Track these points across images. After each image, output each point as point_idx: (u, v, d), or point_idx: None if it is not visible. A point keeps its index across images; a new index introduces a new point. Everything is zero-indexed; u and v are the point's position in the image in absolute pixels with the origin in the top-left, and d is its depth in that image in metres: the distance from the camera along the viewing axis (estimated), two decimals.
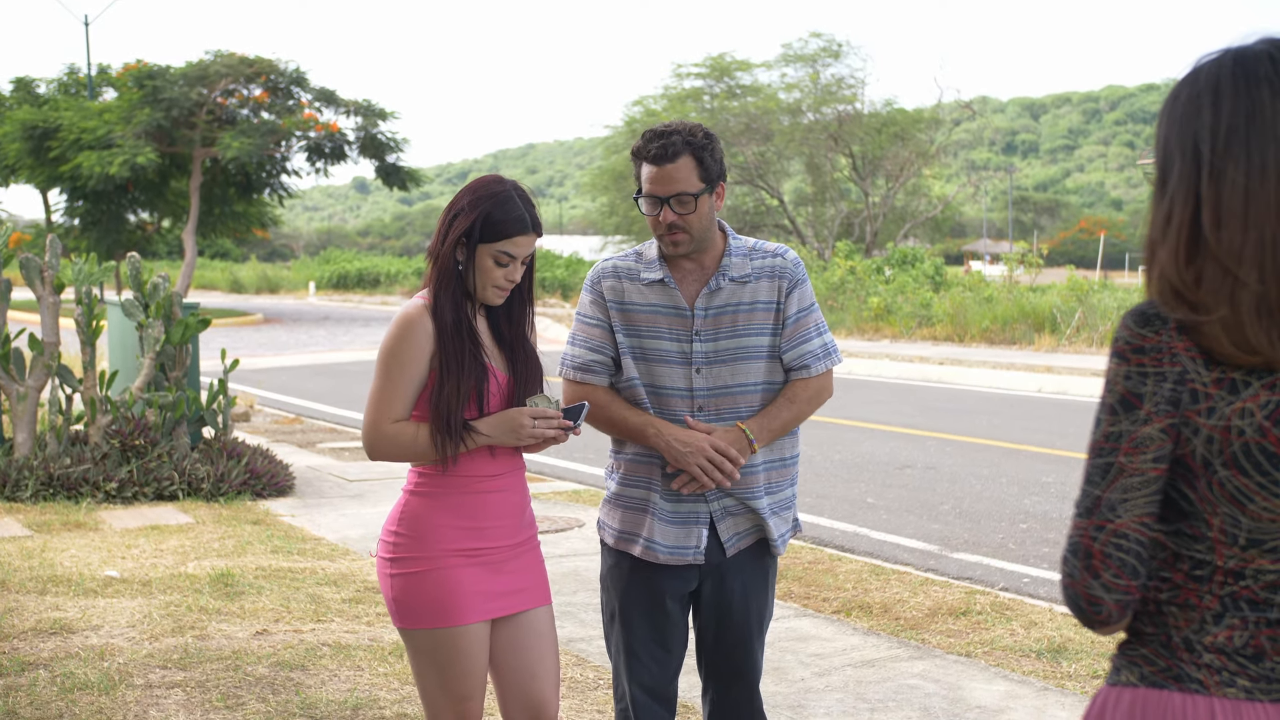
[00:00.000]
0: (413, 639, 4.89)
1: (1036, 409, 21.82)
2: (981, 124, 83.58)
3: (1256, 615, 2.67)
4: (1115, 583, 2.64)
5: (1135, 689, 2.75)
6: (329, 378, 28.22)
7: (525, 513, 5.06)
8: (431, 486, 4.86)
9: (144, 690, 7.64)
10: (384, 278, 75.45)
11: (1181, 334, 2.63)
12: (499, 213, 4.76)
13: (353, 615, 9.20)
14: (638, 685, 5.47)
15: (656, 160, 5.11)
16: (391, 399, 4.79)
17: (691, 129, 5.15)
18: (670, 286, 5.24)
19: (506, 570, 4.93)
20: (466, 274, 4.82)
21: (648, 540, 5.32)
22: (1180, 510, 2.71)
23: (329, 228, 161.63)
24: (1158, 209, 2.66)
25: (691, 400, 5.22)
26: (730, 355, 5.22)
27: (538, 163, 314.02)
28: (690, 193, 5.09)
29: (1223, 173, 2.57)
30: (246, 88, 50.83)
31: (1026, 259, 42.19)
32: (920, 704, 7.53)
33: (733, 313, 5.22)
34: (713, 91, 62.09)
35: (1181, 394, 2.63)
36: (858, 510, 13.40)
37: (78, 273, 13.84)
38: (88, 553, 10.94)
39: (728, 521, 5.29)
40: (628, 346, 5.29)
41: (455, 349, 4.75)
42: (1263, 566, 2.67)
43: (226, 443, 14.48)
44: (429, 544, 4.81)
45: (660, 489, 5.30)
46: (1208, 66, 2.64)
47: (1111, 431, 2.67)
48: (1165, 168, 2.65)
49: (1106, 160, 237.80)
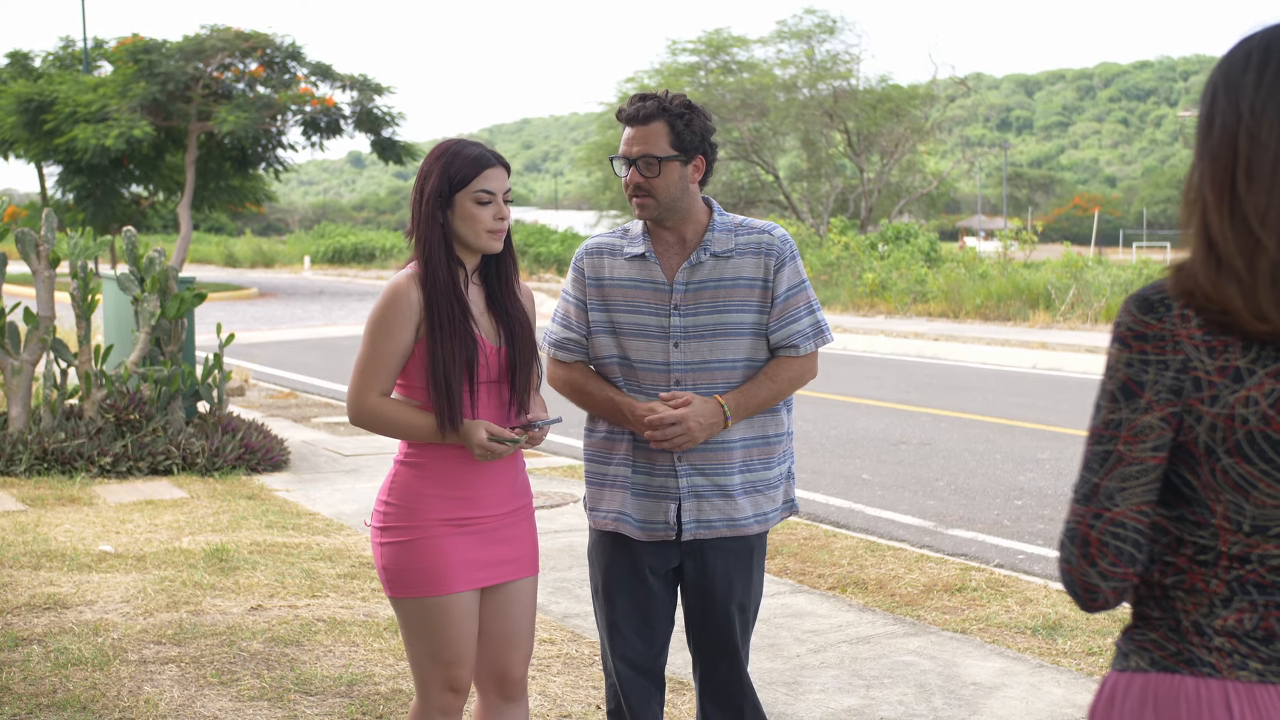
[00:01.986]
0: (403, 607, 4.93)
1: (1031, 385, 21.82)
2: (976, 100, 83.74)
3: (1265, 599, 2.66)
4: (1112, 571, 2.64)
5: (1146, 674, 2.73)
6: (324, 352, 28.19)
7: (517, 481, 5.07)
8: (421, 457, 4.88)
9: (138, 665, 7.63)
10: (379, 252, 75.25)
11: (1185, 320, 2.62)
12: (461, 158, 4.84)
13: (347, 591, 9.20)
14: (622, 660, 5.50)
15: (630, 121, 5.18)
16: (376, 369, 4.83)
17: (672, 97, 5.19)
18: (650, 261, 5.26)
19: (497, 539, 4.96)
20: (453, 234, 4.85)
21: (620, 514, 5.36)
22: (1183, 496, 2.69)
23: (324, 202, 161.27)
24: (1202, 154, 2.63)
25: (669, 375, 5.23)
26: (710, 331, 5.22)
27: (533, 138, 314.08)
28: (656, 155, 5.11)
29: (1256, 134, 2.55)
30: (242, 62, 50.71)
31: (1021, 235, 42.16)
32: (915, 680, 7.54)
33: (714, 288, 5.22)
34: (708, 67, 61.97)
35: (1184, 382, 2.61)
36: (853, 486, 13.41)
37: (73, 247, 13.81)
38: (82, 527, 10.94)
39: (691, 502, 5.28)
40: (602, 322, 5.32)
41: (446, 314, 4.77)
42: (1268, 551, 2.65)
43: (221, 417, 14.48)
44: (418, 514, 4.84)
45: (632, 463, 5.32)
46: (1266, 30, 2.62)
47: (1111, 419, 2.66)
48: (1210, 116, 2.63)
49: (1101, 137, 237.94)
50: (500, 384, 4.93)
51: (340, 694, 7.23)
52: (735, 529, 5.34)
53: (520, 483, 5.09)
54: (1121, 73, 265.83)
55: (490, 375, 4.88)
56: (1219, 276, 2.56)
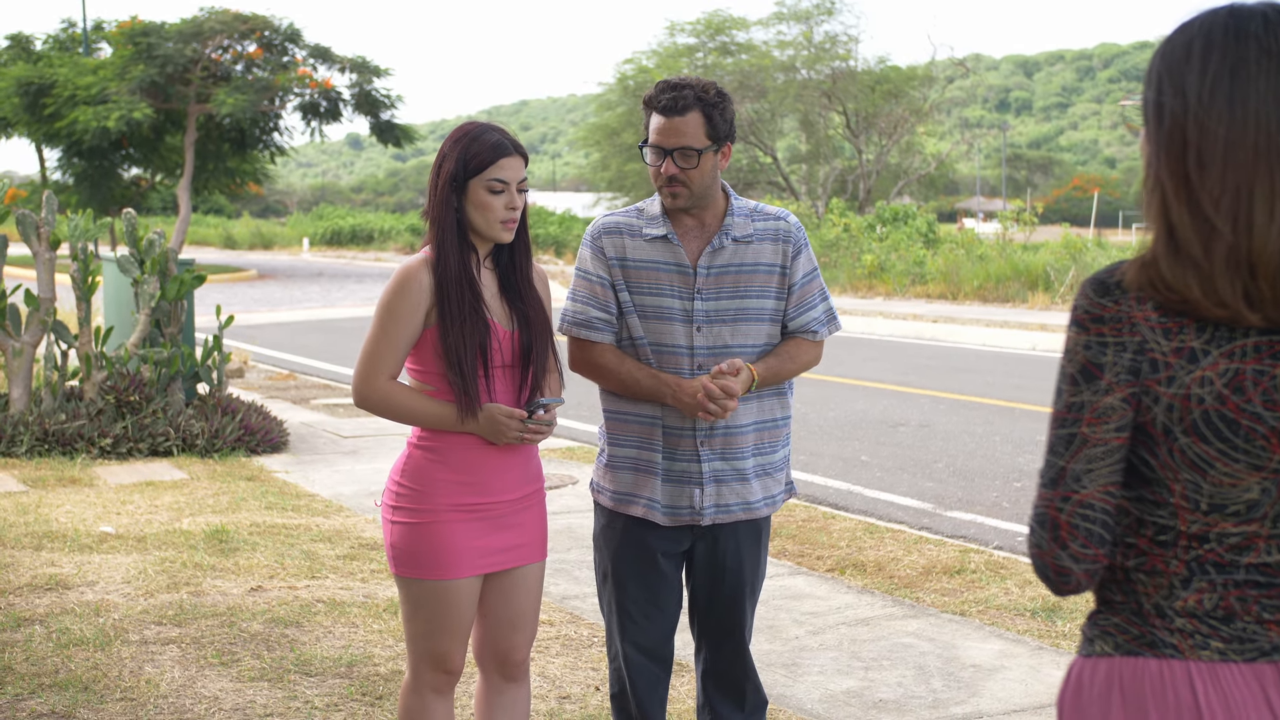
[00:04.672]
0: (406, 586, 4.97)
1: (1030, 367, 21.83)
2: (975, 81, 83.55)
3: (1223, 578, 2.69)
4: (1083, 553, 2.66)
5: (1111, 659, 2.76)
6: (323, 334, 28.19)
7: (529, 468, 5.07)
8: (434, 441, 4.89)
9: (139, 646, 7.65)
10: (377, 234, 75.23)
11: (1140, 303, 2.65)
12: (479, 144, 4.82)
13: (347, 572, 9.22)
14: (631, 644, 5.50)
15: (666, 111, 5.12)
16: (385, 352, 4.83)
17: (705, 85, 5.15)
18: (674, 243, 5.23)
19: (506, 525, 4.97)
20: (466, 219, 4.84)
21: (649, 500, 5.34)
22: (1142, 477, 2.72)
23: (323, 184, 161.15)
24: (1155, 142, 2.67)
25: (692, 358, 5.22)
26: (731, 315, 5.22)
27: (531, 119, 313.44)
28: (695, 148, 5.09)
29: (1204, 122, 2.58)
30: (241, 44, 50.58)
31: (1020, 217, 42.15)
32: (915, 662, 7.56)
33: (735, 273, 5.22)
34: (706, 48, 61.96)
35: (1141, 363, 2.64)
36: (851, 468, 13.42)
37: (73, 229, 13.81)
38: (83, 508, 10.96)
39: (712, 487, 5.29)
40: (632, 304, 5.28)
41: (457, 299, 4.77)
42: (1226, 530, 2.68)
43: (221, 399, 14.49)
44: (429, 497, 4.87)
45: (661, 448, 5.32)
46: (1204, 15, 2.65)
47: (1074, 402, 2.68)
48: (1159, 105, 2.65)
49: (1100, 118, 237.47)
50: (514, 368, 4.93)
51: (340, 675, 7.25)
52: (750, 512, 5.37)
53: (532, 469, 5.10)
54: (1121, 53, 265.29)
55: (504, 360, 4.88)
56: (1177, 263, 2.60)
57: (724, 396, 5.06)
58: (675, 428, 5.27)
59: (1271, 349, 2.60)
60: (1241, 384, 2.60)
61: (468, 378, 4.75)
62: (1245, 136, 2.56)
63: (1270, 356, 2.59)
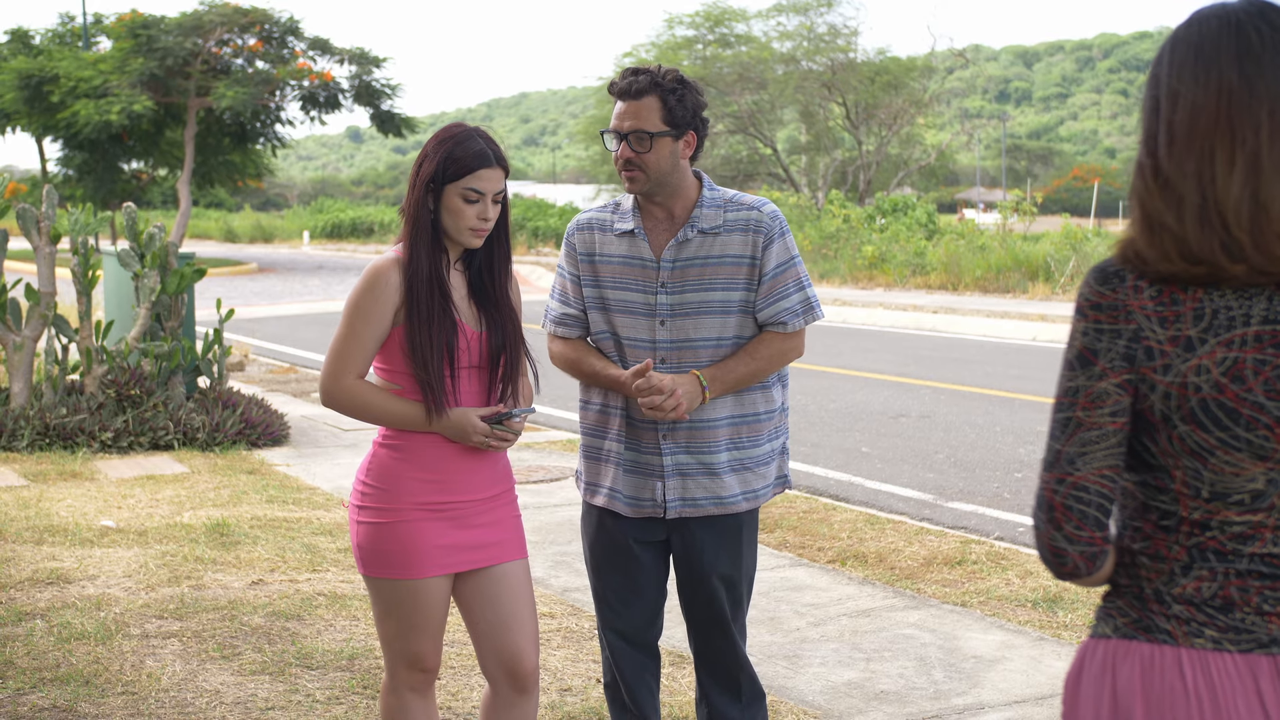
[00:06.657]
0: (375, 586, 4.97)
1: (1031, 358, 21.82)
2: (974, 72, 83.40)
3: (1224, 566, 2.73)
4: (1077, 534, 2.71)
5: (1110, 640, 2.81)
6: (323, 327, 28.17)
7: (498, 467, 5.07)
8: (401, 439, 4.90)
9: (140, 640, 7.66)
10: (378, 227, 75.15)
11: (1137, 291, 2.70)
12: (460, 150, 4.80)
13: (348, 565, 9.22)
14: (613, 631, 5.56)
15: (622, 95, 5.17)
16: (353, 351, 4.86)
17: (665, 72, 5.17)
18: (639, 238, 5.27)
19: (475, 524, 4.96)
20: (440, 221, 4.84)
21: (611, 490, 5.42)
22: (1145, 462, 2.77)
23: (323, 177, 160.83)
24: (1141, 133, 2.78)
25: (654, 352, 5.25)
26: (694, 309, 5.22)
27: (531, 111, 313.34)
28: (648, 131, 5.11)
29: (1175, 98, 2.68)
30: (240, 37, 50.60)
31: (1020, 207, 42.07)
32: (916, 654, 7.56)
33: (700, 265, 5.22)
34: (706, 40, 61.87)
35: (1136, 351, 2.69)
36: (852, 459, 13.43)
37: (74, 223, 13.82)
38: (84, 502, 10.96)
39: (676, 480, 5.30)
40: (593, 299, 5.36)
41: (426, 299, 4.78)
42: (1228, 518, 2.72)
43: (222, 392, 14.50)
44: (395, 496, 4.87)
45: (624, 439, 5.35)
46: (1188, 18, 2.76)
47: (1070, 386, 2.74)
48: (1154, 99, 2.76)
49: (1100, 108, 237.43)
50: (483, 370, 4.93)
51: (341, 668, 7.26)
52: (723, 507, 5.35)
53: (501, 468, 5.09)
54: (1121, 43, 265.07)
55: (472, 360, 4.88)
56: (1152, 234, 2.68)
57: (655, 393, 5.09)
58: (638, 420, 5.32)
59: (1274, 338, 2.62)
60: (1241, 373, 2.62)
61: (434, 377, 4.76)
62: (1209, 102, 2.65)
63: (1272, 346, 2.62)
